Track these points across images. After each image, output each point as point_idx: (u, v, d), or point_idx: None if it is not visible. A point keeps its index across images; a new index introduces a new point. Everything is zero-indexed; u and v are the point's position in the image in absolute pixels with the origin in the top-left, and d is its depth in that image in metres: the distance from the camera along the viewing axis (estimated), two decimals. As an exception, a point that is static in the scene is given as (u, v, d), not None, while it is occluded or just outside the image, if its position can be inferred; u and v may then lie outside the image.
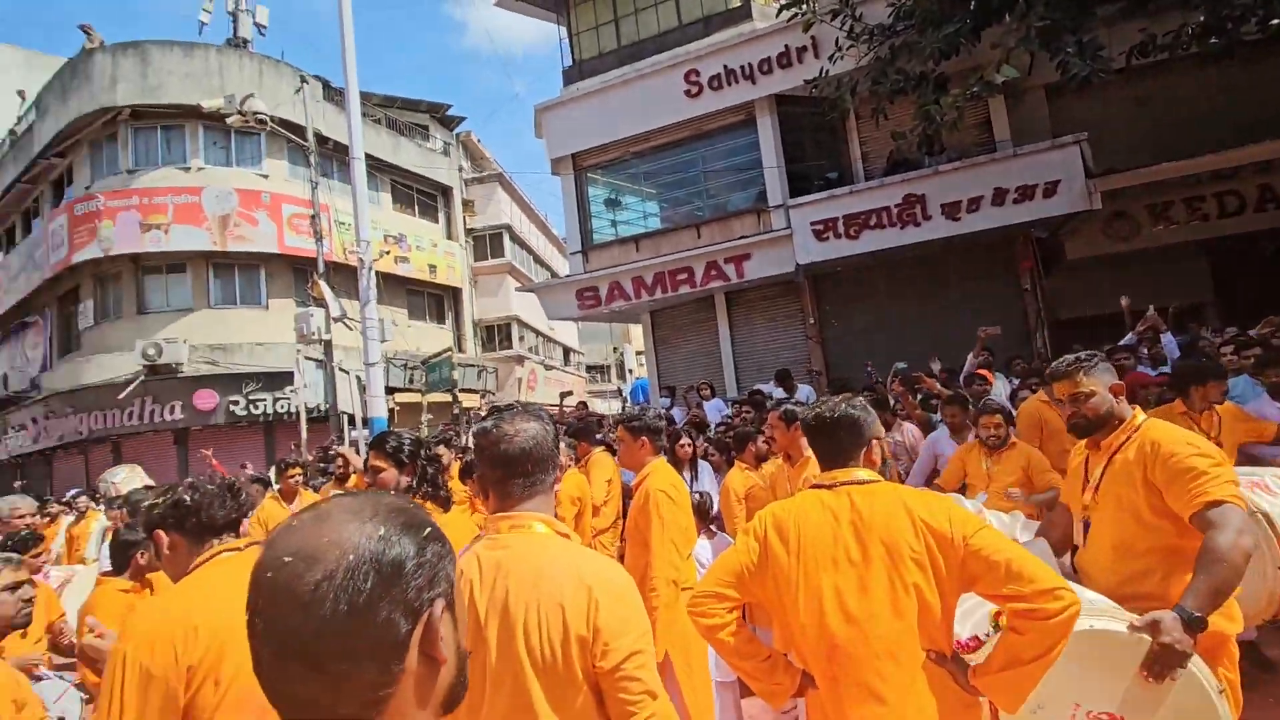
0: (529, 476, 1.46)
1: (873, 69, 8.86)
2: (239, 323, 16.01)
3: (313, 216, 10.98)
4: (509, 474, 1.46)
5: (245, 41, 17.59)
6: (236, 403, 15.07)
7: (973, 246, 9.43)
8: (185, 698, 1.45)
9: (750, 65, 10.53)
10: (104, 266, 15.86)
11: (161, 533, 1.71)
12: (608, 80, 11.68)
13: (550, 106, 12.17)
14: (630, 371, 36.36)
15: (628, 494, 4.44)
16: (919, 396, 5.88)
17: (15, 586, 2.21)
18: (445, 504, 2.69)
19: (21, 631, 2.61)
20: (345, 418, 10.69)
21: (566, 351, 30.29)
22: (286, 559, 0.64)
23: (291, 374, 13.87)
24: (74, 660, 4.65)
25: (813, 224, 9.81)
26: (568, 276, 12.49)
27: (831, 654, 1.66)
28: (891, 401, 5.72)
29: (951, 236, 9.11)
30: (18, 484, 16.68)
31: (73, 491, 9.70)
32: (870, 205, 9.51)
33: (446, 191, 21.67)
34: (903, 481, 4.46)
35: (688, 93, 10.98)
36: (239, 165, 16.31)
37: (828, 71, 9.34)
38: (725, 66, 10.67)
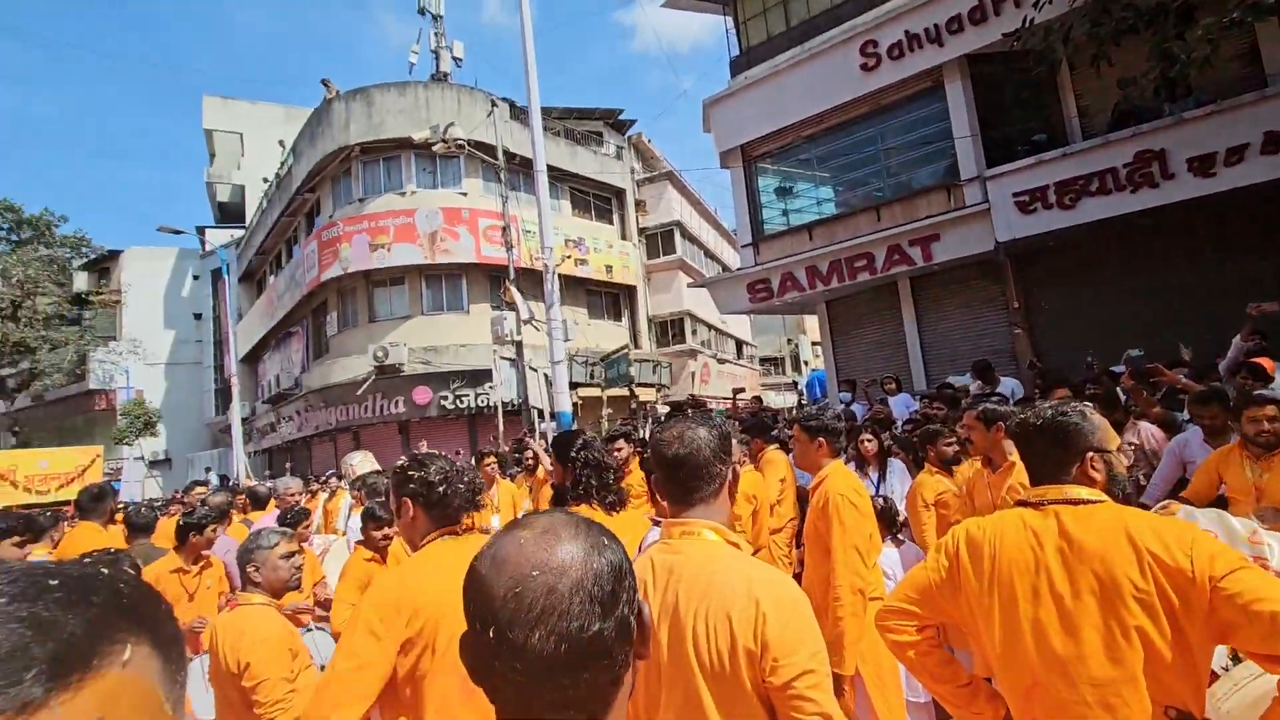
0: (686, 484, 1.46)
1: (1091, 9, 7.61)
2: (446, 327, 18.03)
3: (504, 229, 12.00)
4: (670, 479, 1.49)
5: (445, 75, 19.71)
6: (446, 398, 17.00)
7: (1234, 206, 7.75)
8: (408, 661, 1.65)
9: (936, 26, 9.61)
10: (344, 282, 18.71)
11: (409, 502, 1.92)
12: (776, 65, 11.35)
13: (718, 100, 12.11)
14: (805, 363, 35.22)
15: (803, 495, 4.29)
16: (1159, 391, 4.97)
17: (290, 555, 2.65)
18: (610, 506, 2.64)
19: (295, 591, 3.18)
20: (535, 412, 11.56)
21: (739, 344, 30.07)
22: (534, 573, 0.70)
23: (490, 371, 15.36)
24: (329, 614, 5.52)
25: (1016, 195, 8.72)
26: (738, 270, 12.38)
27: (1030, 692, 1.46)
28: (1122, 397, 4.89)
29: (1203, 197, 7.57)
30: (288, 465, 20.34)
31: (329, 473, 11.56)
32: (1090, 168, 8.23)
33: (620, 194, 22.54)
34: (1137, 495, 3.78)
35: (864, 66, 10.31)
36: (443, 186, 18.34)
37: (1032, 20, 8.21)
38: (907, 32, 9.85)
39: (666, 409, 20.06)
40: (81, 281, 30.65)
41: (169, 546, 4.12)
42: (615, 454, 4.24)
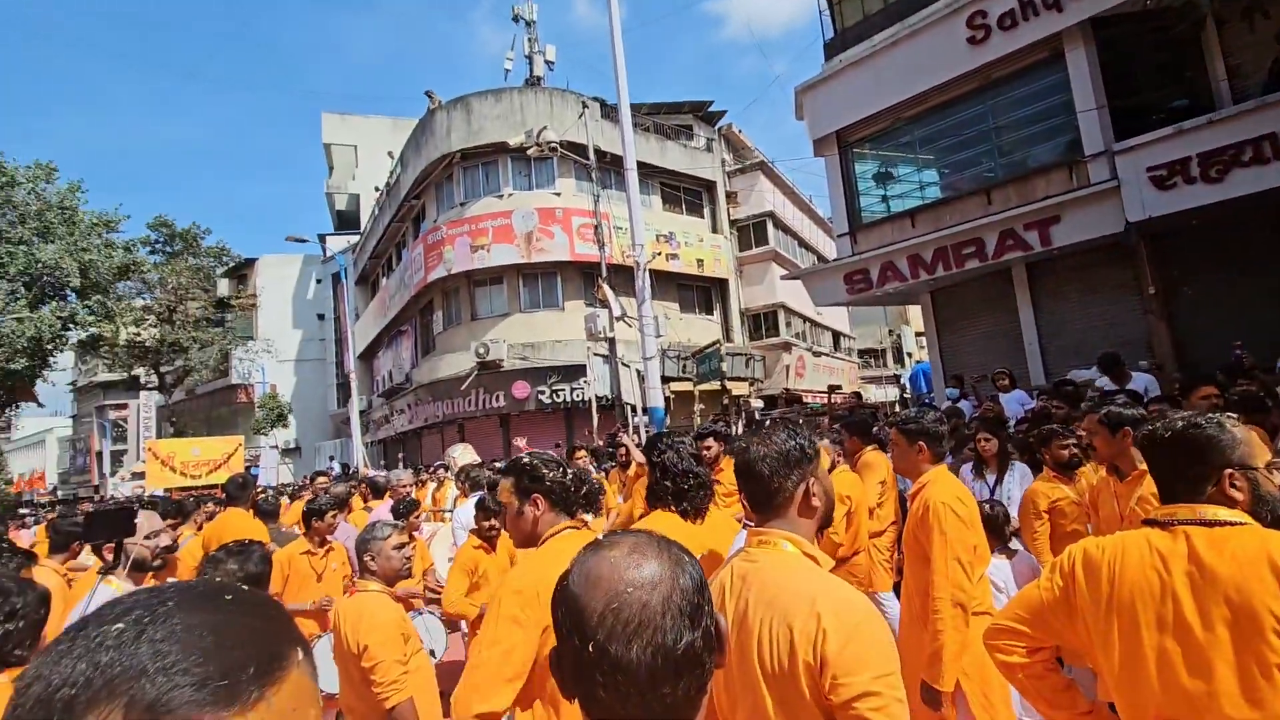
0: (756, 495, 1.48)
1: (1241, -43, 6.76)
2: (543, 324, 18.62)
3: (595, 227, 12.22)
4: (745, 487, 1.51)
5: (539, 79, 20.28)
6: (543, 392, 17.57)
7: None
8: (545, 650, 1.68)
9: (1054, -11, 8.84)
10: (448, 283, 19.73)
11: (540, 498, 1.97)
12: (874, 45, 10.84)
13: (811, 85, 11.74)
14: (909, 355, 33.58)
15: (905, 500, 4.10)
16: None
17: (401, 546, 2.84)
18: (684, 514, 2.54)
19: (406, 578, 3.40)
20: (629, 407, 11.73)
21: (836, 336, 29.10)
22: (628, 590, 0.76)
23: (584, 367, 15.72)
24: (439, 598, 5.88)
25: (1151, 170, 7.91)
26: (834, 261, 11.98)
27: None
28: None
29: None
30: (400, 455, 21.73)
31: (437, 463, 12.26)
32: (1243, 135, 7.32)
33: (711, 187, 22.36)
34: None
35: (971, 40, 9.66)
36: (538, 188, 18.92)
37: (1168, -25, 7.40)
38: (1019, -1, 9.13)
39: (760, 403, 19.77)
40: (223, 287, 34.09)
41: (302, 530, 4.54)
42: (704, 452, 4.23)
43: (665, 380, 12.61)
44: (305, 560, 4.24)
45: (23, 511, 17.44)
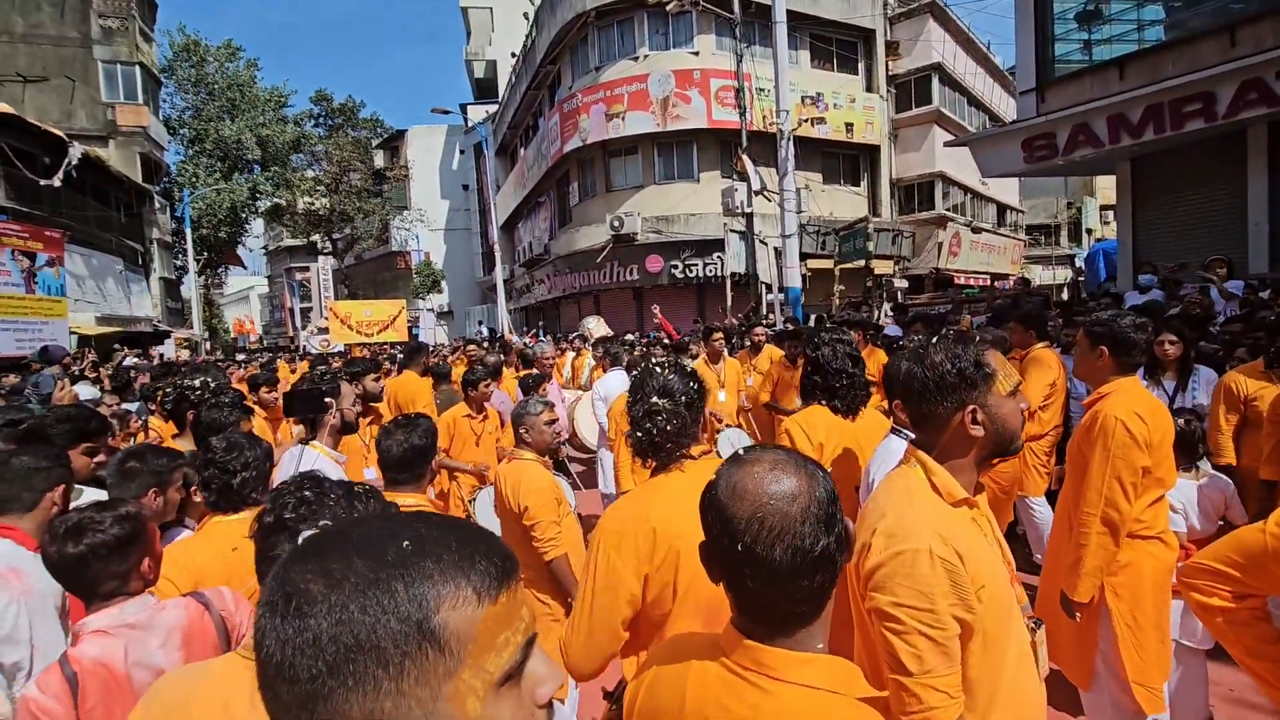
0: (911, 415, 1.44)
1: None
2: (677, 196, 18.17)
3: (737, 90, 11.37)
4: (893, 397, 1.50)
5: (679, -84, 18.30)
6: (676, 267, 17.52)
7: None
8: (649, 596, 1.56)
9: None
10: (583, 153, 19.57)
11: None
12: None
13: (1009, -101, 9.66)
14: (1089, 232, 29.49)
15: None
16: None
17: (551, 422, 3.07)
18: (835, 410, 2.63)
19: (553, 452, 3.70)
20: (763, 285, 11.45)
21: (1001, 210, 25.94)
22: (770, 501, 0.89)
23: (718, 241, 15.35)
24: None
25: None
26: (1013, 123, 10.41)
27: None
28: None
29: None
30: (540, 323, 23.03)
31: (574, 334, 12.88)
32: None
33: (868, 37, 19.77)
34: None
35: None
36: (674, 48, 17.69)
37: None
38: None
39: (904, 284, 18.52)
40: (379, 159, 36.23)
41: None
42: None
43: (803, 257, 12.04)
44: (466, 423, 4.72)
45: (240, 357, 20.77)
